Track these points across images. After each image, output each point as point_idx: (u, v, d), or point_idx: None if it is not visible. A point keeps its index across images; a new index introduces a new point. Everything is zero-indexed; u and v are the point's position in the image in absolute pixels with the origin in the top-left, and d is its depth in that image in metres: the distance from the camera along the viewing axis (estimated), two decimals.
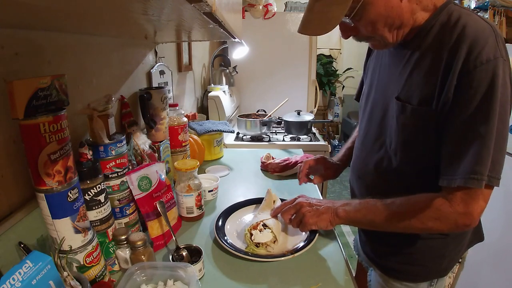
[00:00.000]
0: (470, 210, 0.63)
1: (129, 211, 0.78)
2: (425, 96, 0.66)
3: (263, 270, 0.73)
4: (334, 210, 0.78)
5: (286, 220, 0.83)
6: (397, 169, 0.77)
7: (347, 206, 0.78)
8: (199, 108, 2.07)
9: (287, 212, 0.83)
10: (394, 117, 0.74)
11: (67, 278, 0.53)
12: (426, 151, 0.70)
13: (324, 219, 0.78)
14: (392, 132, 0.76)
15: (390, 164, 0.78)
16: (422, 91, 0.67)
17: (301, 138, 1.88)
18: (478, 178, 0.60)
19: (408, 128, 0.71)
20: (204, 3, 0.43)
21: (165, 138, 1.10)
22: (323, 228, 0.79)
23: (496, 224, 1.55)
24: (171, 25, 0.76)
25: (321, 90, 4.27)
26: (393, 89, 0.75)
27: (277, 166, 1.31)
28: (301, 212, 0.80)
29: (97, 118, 0.70)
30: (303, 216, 0.79)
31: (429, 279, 0.83)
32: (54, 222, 0.55)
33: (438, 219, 0.66)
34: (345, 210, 0.77)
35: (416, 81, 0.68)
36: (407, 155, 0.74)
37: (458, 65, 0.60)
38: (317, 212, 0.79)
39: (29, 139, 0.51)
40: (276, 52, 2.41)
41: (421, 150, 0.71)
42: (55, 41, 0.70)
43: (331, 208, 0.79)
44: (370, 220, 0.74)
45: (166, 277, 0.62)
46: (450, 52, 0.62)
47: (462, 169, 0.62)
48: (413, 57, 0.70)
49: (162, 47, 1.34)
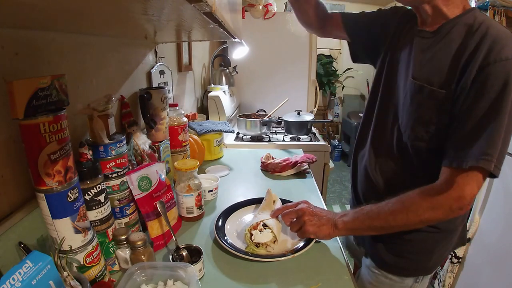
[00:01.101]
0: (464, 194, 0.66)
1: (129, 211, 0.78)
2: (445, 80, 0.71)
3: (263, 270, 0.73)
4: (333, 222, 0.79)
5: (287, 222, 0.84)
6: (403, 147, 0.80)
7: (345, 216, 0.79)
8: (199, 108, 2.07)
9: (288, 215, 0.84)
10: (408, 96, 0.77)
11: (67, 278, 0.53)
12: (436, 131, 0.73)
13: (324, 230, 0.79)
14: (405, 110, 0.79)
15: (398, 142, 0.81)
16: (442, 74, 0.71)
17: (301, 138, 1.88)
18: (489, 159, 0.64)
19: (423, 108, 0.74)
20: (204, 3, 0.43)
21: (165, 138, 1.10)
22: (322, 239, 0.82)
23: (496, 224, 1.55)
24: (171, 25, 0.76)
25: (321, 90, 4.27)
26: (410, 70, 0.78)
27: (277, 166, 1.31)
28: (302, 219, 0.80)
29: (97, 118, 0.70)
30: (304, 223, 0.80)
31: (415, 275, 0.85)
32: (54, 222, 0.55)
33: (433, 208, 0.69)
34: (343, 221, 0.78)
35: (438, 65, 0.72)
36: (417, 133, 0.76)
37: (479, 58, 0.65)
38: (318, 223, 0.80)
39: (29, 139, 0.51)
40: (276, 52, 2.41)
41: (432, 129, 0.74)
42: (55, 41, 0.70)
43: (331, 220, 0.80)
44: (369, 225, 0.76)
45: (166, 277, 0.62)
46: (473, 46, 0.67)
47: (474, 151, 0.65)
48: (437, 45, 0.74)
49: (162, 47, 1.34)
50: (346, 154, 4.48)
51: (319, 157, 1.74)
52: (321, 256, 0.79)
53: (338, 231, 0.78)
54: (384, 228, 0.75)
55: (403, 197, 0.73)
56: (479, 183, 0.67)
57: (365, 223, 0.76)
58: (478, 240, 1.63)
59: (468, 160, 0.65)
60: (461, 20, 0.72)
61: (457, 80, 0.68)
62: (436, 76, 0.72)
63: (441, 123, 0.72)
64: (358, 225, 0.77)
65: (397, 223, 0.72)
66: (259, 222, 0.82)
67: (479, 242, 1.61)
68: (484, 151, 0.64)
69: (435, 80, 0.72)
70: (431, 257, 0.83)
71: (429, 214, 0.70)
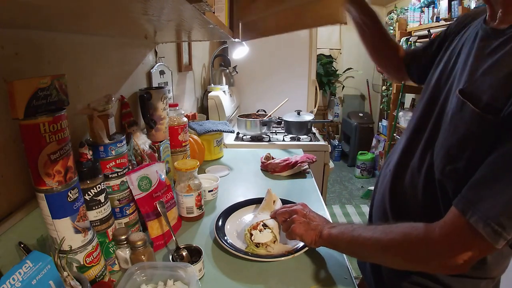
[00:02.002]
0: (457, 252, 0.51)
1: (129, 211, 0.78)
2: (497, 98, 0.50)
3: (263, 270, 0.73)
4: (320, 230, 0.72)
5: (280, 222, 0.82)
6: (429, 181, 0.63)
7: (333, 228, 0.71)
8: (199, 108, 2.06)
9: (282, 214, 0.82)
10: (449, 115, 0.59)
11: (67, 278, 0.53)
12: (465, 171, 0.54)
13: (310, 235, 0.73)
14: (442, 133, 0.61)
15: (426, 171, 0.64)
16: (497, 91, 0.51)
17: (301, 138, 1.88)
18: (497, 231, 0.47)
19: (458, 134, 0.55)
20: (204, 3, 0.43)
21: (165, 138, 1.10)
22: (307, 244, 0.75)
23: None
24: (171, 25, 0.76)
25: (321, 90, 4.27)
26: (462, 80, 0.59)
27: (277, 166, 1.31)
28: (292, 219, 0.78)
29: (97, 118, 0.70)
30: (293, 223, 0.76)
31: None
32: (54, 222, 0.55)
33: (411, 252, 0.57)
34: (329, 233, 0.70)
35: (497, 77, 0.52)
36: (444, 166, 0.58)
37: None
38: (306, 226, 0.75)
39: (29, 139, 0.51)
40: (276, 52, 2.41)
41: (461, 167, 0.55)
42: (55, 41, 0.70)
43: (320, 226, 0.73)
44: (348, 245, 0.67)
45: (166, 277, 0.62)
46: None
47: (488, 205, 0.48)
48: (504, 48, 0.53)
49: (162, 47, 1.34)
50: (346, 154, 4.48)
51: (319, 157, 1.74)
52: (321, 256, 0.79)
53: (321, 240, 0.71)
54: (360, 256, 0.69)
55: (389, 228, 0.61)
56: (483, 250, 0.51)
57: (345, 241, 0.67)
58: None
59: (475, 212, 0.48)
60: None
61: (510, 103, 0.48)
62: (488, 93, 0.51)
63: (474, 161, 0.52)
64: (339, 241, 0.68)
65: (370, 254, 0.64)
66: (259, 222, 0.82)
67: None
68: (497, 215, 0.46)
69: (484, 98, 0.52)
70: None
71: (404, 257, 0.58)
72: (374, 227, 0.64)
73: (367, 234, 0.63)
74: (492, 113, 0.50)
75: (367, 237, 0.63)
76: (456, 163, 0.56)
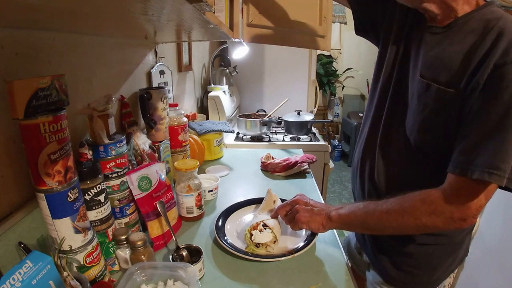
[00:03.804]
0: (468, 204, 0.62)
1: (129, 211, 0.78)
2: (453, 76, 0.64)
3: (263, 270, 0.73)
4: (327, 213, 0.76)
5: (282, 215, 0.83)
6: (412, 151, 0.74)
7: (341, 209, 0.75)
8: (199, 108, 2.06)
9: (283, 208, 0.83)
10: (415, 96, 0.71)
11: (67, 278, 0.53)
12: (443, 137, 0.68)
13: (317, 220, 0.76)
14: (411, 111, 0.73)
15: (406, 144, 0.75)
16: (451, 71, 0.64)
17: (301, 138, 1.88)
18: (501, 175, 0.58)
19: (428, 109, 0.68)
20: (204, 3, 0.43)
21: (165, 138, 1.10)
22: (315, 231, 0.77)
23: (496, 224, 1.55)
24: (171, 25, 0.76)
25: (321, 90, 4.28)
26: (419, 68, 0.72)
27: (277, 166, 1.31)
28: (295, 209, 0.79)
29: (97, 118, 0.70)
30: (297, 212, 0.78)
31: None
32: (54, 222, 0.55)
33: (432, 213, 0.64)
34: (338, 213, 0.75)
35: (447, 61, 0.66)
36: (422, 137, 0.71)
37: (495, 56, 0.58)
38: (311, 212, 0.77)
39: (29, 139, 0.51)
40: (276, 52, 2.41)
41: (438, 134, 0.68)
42: (55, 41, 0.70)
43: (325, 210, 0.77)
44: (363, 221, 0.72)
45: (166, 277, 0.62)
46: (489, 42, 0.60)
47: (482, 161, 0.59)
48: (447, 40, 0.68)
49: (162, 47, 1.34)
50: (346, 154, 4.48)
51: (319, 157, 1.74)
52: (321, 256, 0.79)
53: (331, 223, 0.75)
54: (378, 229, 0.71)
55: (403, 198, 0.68)
56: (487, 195, 0.61)
57: (360, 218, 0.72)
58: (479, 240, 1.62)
59: (475, 169, 0.59)
60: (476, 14, 0.65)
61: (467, 78, 0.61)
62: (445, 73, 0.65)
63: (448, 129, 0.66)
64: (352, 219, 0.73)
65: (390, 224, 0.68)
66: (259, 222, 0.82)
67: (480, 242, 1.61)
68: (494, 163, 0.58)
69: (443, 78, 0.65)
70: (434, 273, 0.79)
71: (426, 220, 0.64)
72: (384, 201, 0.71)
73: (382, 207, 0.70)
74: (452, 87, 0.64)
75: (383, 210, 0.69)
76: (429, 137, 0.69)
